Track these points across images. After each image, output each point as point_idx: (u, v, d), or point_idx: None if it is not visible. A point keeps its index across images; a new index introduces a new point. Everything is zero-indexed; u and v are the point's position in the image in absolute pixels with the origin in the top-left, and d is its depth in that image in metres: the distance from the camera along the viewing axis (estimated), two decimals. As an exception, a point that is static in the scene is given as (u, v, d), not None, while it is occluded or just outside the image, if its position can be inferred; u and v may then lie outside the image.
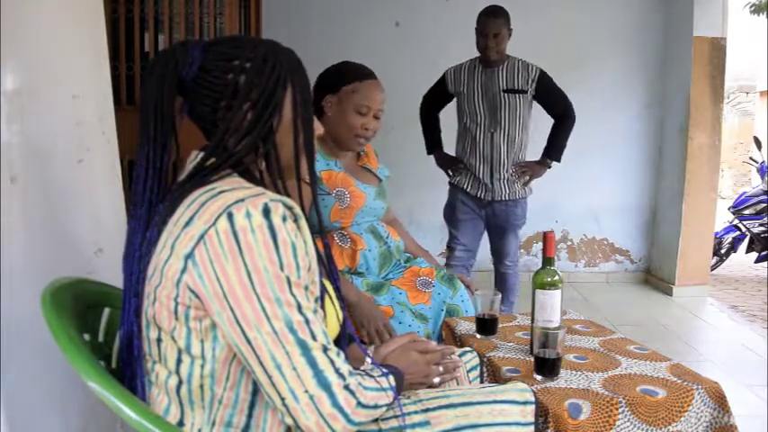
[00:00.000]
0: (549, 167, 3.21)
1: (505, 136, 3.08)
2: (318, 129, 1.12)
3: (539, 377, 1.40)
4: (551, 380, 1.39)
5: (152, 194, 1.00)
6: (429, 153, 3.35)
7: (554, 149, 3.22)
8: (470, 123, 3.13)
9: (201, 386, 0.95)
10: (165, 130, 1.00)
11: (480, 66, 3.12)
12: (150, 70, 1.02)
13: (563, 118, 3.20)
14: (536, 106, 3.20)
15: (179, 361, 0.95)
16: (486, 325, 1.71)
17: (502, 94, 3.06)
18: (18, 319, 1.25)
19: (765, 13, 7.96)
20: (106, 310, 1.17)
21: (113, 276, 1.19)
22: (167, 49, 1.04)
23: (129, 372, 1.01)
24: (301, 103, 1.05)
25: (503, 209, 3.15)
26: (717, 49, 4.41)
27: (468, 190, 3.16)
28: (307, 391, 0.88)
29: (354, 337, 1.16)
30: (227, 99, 1.01)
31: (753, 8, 7.96)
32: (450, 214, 3.25)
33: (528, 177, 3.15)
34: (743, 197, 5.74)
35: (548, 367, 1.40)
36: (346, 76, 1.93)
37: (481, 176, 3.12)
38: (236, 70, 1.01)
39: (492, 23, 2.99)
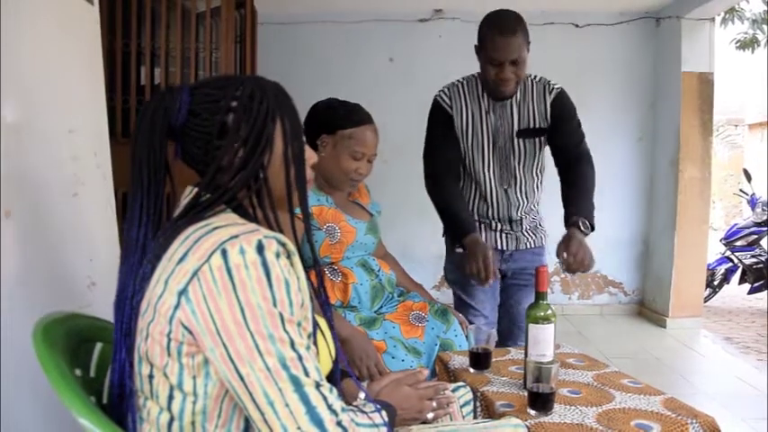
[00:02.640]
0: (587, 233, 2.05)
1: (523, 190, 2.26)
2: (312, 157, 1.13)
3: (533, 412, 1.40)
4: (545, 415, 1.39)
5: (146, 242, 1.01)
6: (459, 243, 2.11)
7: (584, 204, 2.10)
8: (475, 171, 2.23)
9: (193, 423, 0.94)
10: (159, 178, 1.02)
11: (485, 95, 2.17)
12: (140, 120, 1.03)
13: (580, 159, 2.19)
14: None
15: (171, 397, 0.95)
16: (480, 359, 1.70)
17: (516, 140, 2.18)
18: (11, 353, 1.24)
19: (751, 48, 8.13)
20: (98, 345, 1.16)
21: (107, 310, 1.19)
22: (155, 97, 1.05)
23: (120, 408, 1.00)
24: (291, 135, 1.05)
25: (529, 258, 2.32)
26: (705, 83, 4.49)
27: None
28: (299, 428, 0.88)
29: (349, 371, 1.15)
30: (217, 139, 1.02)
31: (738, 44, 8.13)
32: (460, 278, 2.23)
33: (583, 267, 1.98)
34: (734, 229, 5.78)
35: (541, 402, 1.40)
36: (343, 119, 1.92)
37: (500, 228, 2.30)
38: (223, 110, 1.02)
39: (509, 45, 2.00)
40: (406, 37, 4.82)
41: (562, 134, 2.20)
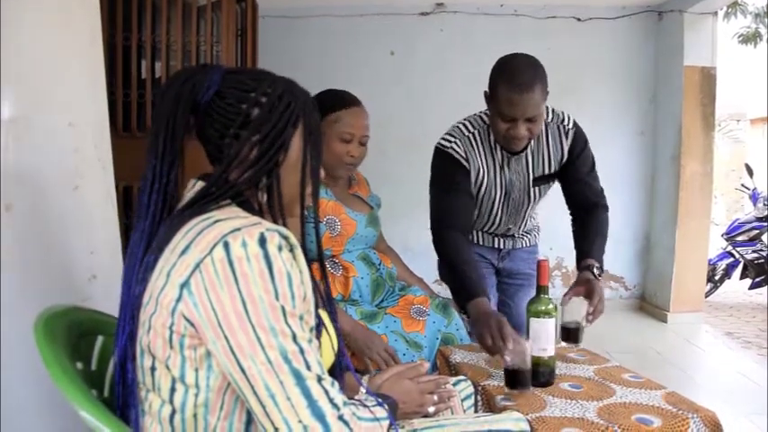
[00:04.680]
0: (599, 279, 1.99)
1: (527, 223, 2.26)
2: (322, 172, 1.13)
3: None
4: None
5: (156, 209, 1.00)
6: (464, 306, 1.84)
7: (599, 248, 2.05)
8: (481, 213, 2.14)
9: (195, 415, 0.94)
10: (175, 146, 1.01)
11: (498, 147, 1.99)
12: (167, 87, 1.03)
13: (598, 207, 2.10)
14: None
15: (173, 390, 0.95)
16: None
17: (531, 189, 2.08)
18: (12, 346, 1.24)
19: (754, 43, 8.11)
20: (99, 338, 1.16)
21: (107, 303, 1.19)
22: (187, 69, 1.05)
23: (121, 400, 1.00)
24: (310, 144, 1.06)
25: (524, 257, 2.30)
26: (707, 77, 4.48)
27: (481, 243, 2.25)
28: (301, 422, 0.88)
29: (350, 366, 1.16)
30: (236, 128, 1.02)
31: (741, 38, 8.13)
32: None
33: (598, 313, 1.86)
34: (736, 224, 5.78)
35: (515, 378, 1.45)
36: (328, 104, 1.90)
37: (497, 234, 2.25)
38: (250, 102, 1.02)
39: (525, 103, 1.78)
40: (408, 30, 4.81)
41: (581, 179, 2.07)
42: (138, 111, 3.25)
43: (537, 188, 2.09)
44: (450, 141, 1.99)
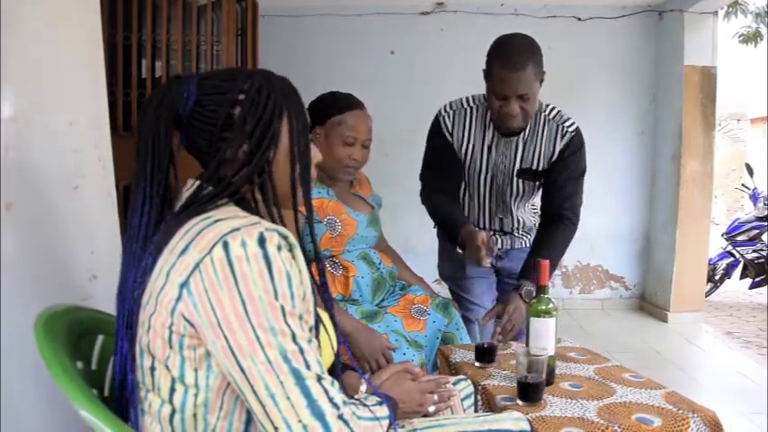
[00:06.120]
0: (527, 302, 1.84)
1: (518, 219, 2.25)
2: (317, 156, 1.13)
3: (520, 402, 1.41)
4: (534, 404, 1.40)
5: (147, 230, 1.00)
6: (458, 242, 1.94)
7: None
8: (471, 194, 2.19)
9: (195, 415, 0.94)
10: (162, 167, 1.01)
11: (492, 128, 2.04)
12: (147, 107, 1.02)
13: (565, 218, 2.09)
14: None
15: (172, 390, 0.95)
16: (485, 353, 1.71)
17: (515, 180, 2.09)
18: (13, 346, 1.24)
19: (754, 42, 8.12)
20: (99, 338, 1.16)
21: (108, 303, 1.19)
22: (163, 86, 1.04)
23: (121, 400, 1.00)
24: (297, 131, 1.05)
25: (523, 257, 2.17)
26: (707, 77, 4.48)
27: None
28: (300, 421, 0.88)
29: (354, 365, 1.16)
30: (222, 132, 1.02)
31: (741, 38, 8.13)
32: (455, 274, 2.27)
33: (506, 333, 1.88)
34: (736, 223, 5.78)
35: (531, 391, 1.41)
36: (332, 107, 1.92)
37: (494, 231, 2.27)
38: (230, 103, 1.01)
39: (517, 81, 1.84)
40: (408, 30, 4.81)
41: (561, 181, 2.07)
42: (139, 110, 3.24)
43: (521, 180, 2.11)
44: (445, 110, 2.11)
